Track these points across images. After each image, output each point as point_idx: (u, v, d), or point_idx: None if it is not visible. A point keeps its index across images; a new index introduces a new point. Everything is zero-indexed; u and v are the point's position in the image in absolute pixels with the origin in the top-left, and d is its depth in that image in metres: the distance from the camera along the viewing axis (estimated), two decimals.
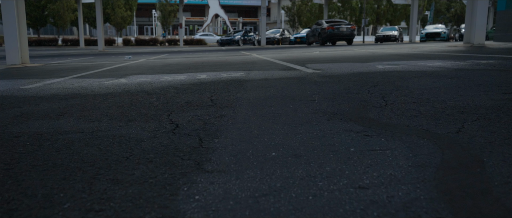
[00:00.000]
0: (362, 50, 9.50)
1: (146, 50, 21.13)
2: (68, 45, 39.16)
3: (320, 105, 2.00)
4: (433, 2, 47.98)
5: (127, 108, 2.16)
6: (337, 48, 12.24)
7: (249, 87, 2.96)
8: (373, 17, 53.69)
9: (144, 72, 4.93)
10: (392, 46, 13.45)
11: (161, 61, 7.58)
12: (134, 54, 14.53)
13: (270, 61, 6.17)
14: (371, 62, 5.04)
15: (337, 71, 3.88)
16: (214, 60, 7.43)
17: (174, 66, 6.01)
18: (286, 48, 16.64)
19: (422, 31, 28.71)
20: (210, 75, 4.11)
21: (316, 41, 22.16)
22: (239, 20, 72.77)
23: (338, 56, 6.87)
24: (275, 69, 4.52)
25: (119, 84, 3.57)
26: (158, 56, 11.21)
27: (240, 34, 29.90)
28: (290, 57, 7.43)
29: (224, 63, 6.14)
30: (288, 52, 10.68)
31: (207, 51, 15.69)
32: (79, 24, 34.03)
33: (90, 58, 11.75)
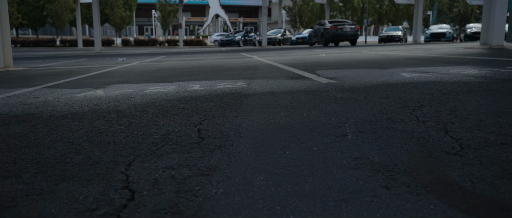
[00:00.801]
0: (371, 52, 8.83)
1: (143, 51, 20.48)
2: (66, 45, 38.58)
3: (359, 147, 1.33)
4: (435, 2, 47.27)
5: (76, 146, 1.50)
6: (343, 50, 11.56)
7: (251, 105, 2.29)
8: (375, 17, 53.02)
9: (129, 80, 4.26)
10: (400, 47, 12.77)
11: (154, 65, 6.92)
12: (130, 55, 13.87)
13: (273, 66, 5.50)
14: (390, 68, 4.37)
15: (357, 82, 3.21)
16: (211, 63, 6.77)
17: (166, 71, 5.34)
18: (288, 49, 15.96)
19: (426, 31, 28.03)
20: (204, 85, 3.44)
21: (318, 42, 21.50)
22: (240, 20, 72.10)
23: (348, 60, 6.19)
24: (281, 77, 3.85)
25: (91, 99, 2.91)
26: (154, 58, 10.54)
27: (241, 34, 29.23)
28: (295, 60, 6.77)
29: (223, 68, 5.48)
30: (292, 54, 10.01)
31: (206, 52, 15.02)
32: (77, 25, 33.39)
33: (83, 60, 11.11)
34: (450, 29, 28.66)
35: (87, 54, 17.66)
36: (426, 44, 18.24)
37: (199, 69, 5.54)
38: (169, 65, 6.71)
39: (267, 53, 11.59)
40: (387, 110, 1.98)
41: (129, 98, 2.88)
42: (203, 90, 3.08)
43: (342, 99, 2.37)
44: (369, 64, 5.14)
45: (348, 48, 13.34)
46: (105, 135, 1.68)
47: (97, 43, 22.08)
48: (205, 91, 3.02)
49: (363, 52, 9.19)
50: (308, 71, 4.33)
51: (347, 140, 1.43)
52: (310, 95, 2.60)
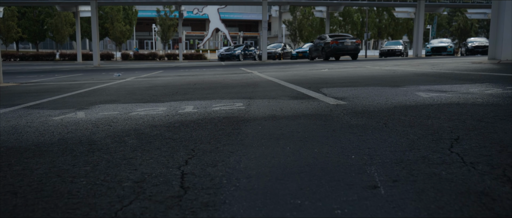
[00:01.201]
0: (375, 67, 8.50)
1: (142, 65, 20.21)
2: (65, 59, 38.46)
3: (400, 209, 0.96)
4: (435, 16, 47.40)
5: (17, 200, 1.13)
6: (346, 64, 11.26)
7: (251, 135, 1.92)
8: (374, 31, 53.18)
9: (118, 99, 3.90)
10: (404, 61, 12.48)
11: (150, 81, 6.58)
12: (127, 70, 13.57)
13: (275, 83, 5.16)
14: (403, 85, 4.01)
15: (370, 103, 2.84)
16: (209, 80, 6.43)
17: (160, 88, 4.99)
18: (289, 63, 15.69)
19: (427, 45, 27.86)
20: (198, 106, 3.08)
21: (319, 56, 21.29)
22: (240, 34, 72.38)
23: (354, 76, 5.85)
24: (284, 96, 3.49)
25: (67, 123, 2.54)
26: (151, 73, 10.23)
27: (241, 48, 29.09)
28: (297, 76, 6.43)
29: (220, 85, 5.13)
30: (293, 69, 9.70)
31: (205, 67, 14.74)
32: (77, 39, 33.34)
33: (78, 75, 10.81)
34: (451, 43, 28.54)
35: (85, 69, 17.38)
36: (428, 58, 17.98)
37: (196, 86, 5.19)
38: (165, 82, 6.37)
39: (267, 68, 11.28)
40: (417, 144, 1.61)
41: (111, 123, 2.51)
42: (196, 113, 2.71)
43: (358, 127, 2.00)
44: (377, 81, 4.79)
45: (350, 63, 13.05)
46: (62, 181, 1.31)
47: (96, 57, 21.87)
48: (198, 115, 2.66)
49: (367, 67, 8.87)
50: (313, 89, 3.98)
51: (379, 195, 1.06)
52: (319, 120, 2.23)
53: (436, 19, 48.34)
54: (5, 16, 39.19)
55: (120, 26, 40.82)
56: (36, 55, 39.70)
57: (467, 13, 42.53)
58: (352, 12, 50.79)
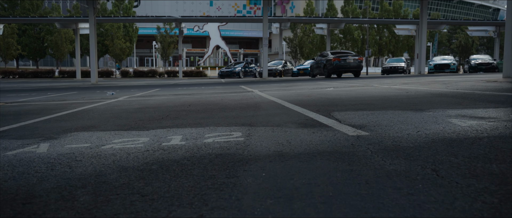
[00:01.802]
0: (384, 86, 7.99)
1: (140, 83, 19.78)
2: (65, 77, 38.15)
3: None
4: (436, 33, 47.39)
5: None
6: (350, 82, 10.77)
7: (251, 190, 1.37)
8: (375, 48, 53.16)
9: (98, 125, 3.36)
10: (411, 79, 12.00)
11: (142, 101, 6.05)
12: (124, 88, 13.09)
13: (278, 104, 4.62)
14: (426, 110, 3.47)
15: (399, 134, 2.29)
16: (206, 100, 5.90)
17: (150, 111, 4.46)
18: (290, 81, 15.22)
19: (429, 62, 27.53)
20: (188, 136, 2.54)
21: (320, 73, 20.88)
22: (240, 51, 72.49)
23: (364, 96, 5.32)
24: (290, 123, 2.95)
25: (18, 162, 1.99)
26: (147, 91, 9.72)
27: (241, 65, 28.75)
28: (302, 96, 5.91)
29: (218, 107, 4.60)
30: (295, 87, 9.20)
31: (204, 85, 14.28)
32: (76, 56, 33.09)
33: (71, 93, 10.32)
34: (454, 61, 28.23)
35: (81, 86, 16.93)
36: (433, 76, 17.52)
37: (190, 108, 4.66)
38: (158, 102, 5.84)
39: (268, 86, 10.79)
40: (505, 212, 1.06)
41: (72, 162, 1.96)
42: (183, 148, 2.17)
43: (400, 176, 1.45)
44: (393, 102, 4.25)
45: (354, 81, 12.57)
46: None
47: (93, 74, 21.45)
48: (185, 150, 2.11)
49: (374, 86, 8.36)
50: (323, 113, 3.44)
51: None
52: (341, 163, 1.68)
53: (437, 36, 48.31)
54: (5, 33, 39.15)
55: (120, 43, 40.72)
56: (35, 72, 39.42)
57: (468, 31, 42.49)
58: (352, 29, 50.87)
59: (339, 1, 58.25)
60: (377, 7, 62.09)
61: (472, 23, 42.37)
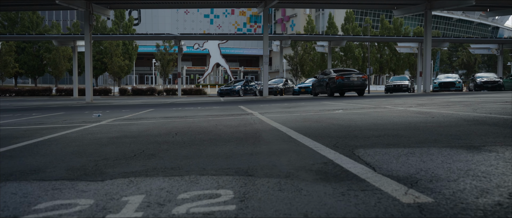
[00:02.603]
0: (398, 108, 7.19)
1: (136, 101, 19.02)
2: (62, 94, 37.47)
3: None
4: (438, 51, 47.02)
5: None
6: (358, 102, 9.97)
7: None
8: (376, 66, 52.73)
9: (44, 168, 2.54)
10: (423, 99, 11.21)
11: (122, 128, 5.24)
12: (115, 108, 12.30)
13: (283, 134, 3.81)
14: (482, 147, 2.64)
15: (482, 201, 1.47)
16: (198, 126, 5.09)
17: (124, 143, 3.64)
18: (292, 100, 14.45)
19: (434, 80, 26.88)
20: (152, 197, 1.71)
21: (323, 92, 20.14)
22: (241, 69, 72.20)
23: (385, 123, 4.51)
24: (304, 172, 2.12)
25: None
26: (137, 113, 8.93)
27: (241, 84, 28.06)
28: (309, 120, 5.11)
29: (208, 137, 3.79)
30: (299, 107, 8.40)
31: (201, 104, 13.50)
32: (74, 73, 32.50)
33: (57, 114, 9.55)
34: (459, 79, 27.61)
35: (72, 106, 16.17)
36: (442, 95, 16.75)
37: (175, 138, 3.84)
38: (141, 128, 5.03)
39: (269, 106, 10.00)
40: None
41: None
42: None
43: None
44: (426, 133, 3.43)
45: (361, 100, 11.79)
46: None
47: (88, 93, 20.71)
48: None
49: (387, 107, 7.56)
50: (343, 150, 2.62)
51: None
52: None
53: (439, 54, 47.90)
54: (3, 51, 38.74)
55: (118, 61, 40.24)
56: (32, 90, 38.78)
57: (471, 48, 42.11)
58: (353, 47, 50.57)
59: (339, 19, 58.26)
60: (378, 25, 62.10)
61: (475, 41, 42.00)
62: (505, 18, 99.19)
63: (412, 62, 52.65)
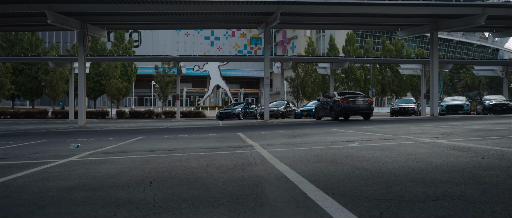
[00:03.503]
0: (424, 140, 6.16)
1: (130, 126, 17.99)
2: (58, 117, 36.50)
3: None
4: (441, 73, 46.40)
5: None
6: (370, 130, 8.96)
7: None
8: (378, 88, 52.02)
9: None
10: (439, 125, 10.20)
11: (86, 170, 4.21)
12: (104, 134, 11.27)
13: (294, 188, 2.78)
14: None
15: None
16: (183, 169, 4.06)
17: (72, 202, 2.61)
18: (295, 125, 13.44)
19: (441, 103, 25.92)
20: None
21: (326, 115, 19.19)
22: (241, 91, 71.58)
23: (426, 168, 3.48)
24: None
25: None
26: (123, 142, 7.91)
27: (241, 106, 27.14)
28: (324, 160, 4.10)
29: (191, 193, 2.77)
30: (305, 136, 7.39)
31: (198, 129, 12.48)
32: (70, 95, 31.62)
33: (35, 142, 8.55)
34: (466, 101, 26.70)
35: (63, 130, 15.18)
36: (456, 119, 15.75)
37: (146, 193, 2.82)
38: (111, 171, 4.00)
39: (271, 134, 8.99)
40: None
41: None
42: None
43: None
44: (503, 191, 2.42)
45: (371, 126, 10.78)
46: None
47: (81, 116, 19.73)
48: None
49: (409, 138, 6.54)
50: None
51: None
52: None
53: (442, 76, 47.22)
54: None
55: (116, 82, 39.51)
56: (28, 112, 37.85)
57: (474, 70, 41.47)
58: (354, 69, 50.02)
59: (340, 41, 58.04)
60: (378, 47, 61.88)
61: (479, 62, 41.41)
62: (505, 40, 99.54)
63: (414, 83, 51.95)
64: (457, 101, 26.58)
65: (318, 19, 20.31)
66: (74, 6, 15.56)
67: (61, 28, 18.36)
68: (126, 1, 15.42)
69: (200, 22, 20.96)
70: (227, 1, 15.97)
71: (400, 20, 20.86)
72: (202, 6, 16.53)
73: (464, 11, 17.59)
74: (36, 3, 14.93)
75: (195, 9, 16.61)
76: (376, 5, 17.33)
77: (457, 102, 26.46)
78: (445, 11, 17.96)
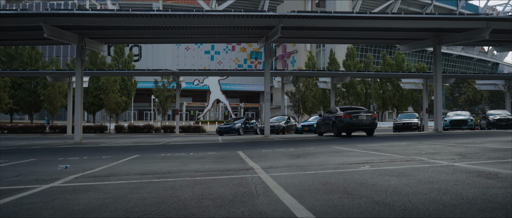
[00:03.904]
0: (440, 162, 5.68)
1: (127, 141, 17.47)
2: (56, 132, 35.93)
3: None
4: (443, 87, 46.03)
5: None
6: (378, 148, 8.47)
7: None
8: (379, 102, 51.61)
9: None
10: (449, 142, 9.71)
11: (66, 202, 3.72)
12: (96, 152, 10.75)
13: None
14: None
15: None
16: (174, 200, 3.57)
17: None
18: (298, 141, 12.95)
19: (445, 118, 25.44)
20: None
21: (328, 131, 18.72)
22: (241, 105, 71.21)
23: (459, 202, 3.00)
24: None
25: None
26: (116, 161, 7.41)
27: (241, 121, 26.65)
28: (337, 192, 3.61)
29: None
30: (311, 157, 6.90)
31: (196, 147, 11.99)
32: (68, 110, 31.17)
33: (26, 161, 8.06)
34: (470, 116, 26.23)
35: (57, 146, 14.69)
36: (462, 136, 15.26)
37: None
38: (92, 205, 3.52)
39: (273, 153, 8.50)
40: None
41: None
42: None
43: None
44: None
45: (378, 144, 10.28)
46: None
47: (77, 132, 19.23)
48: None
49: (423, 160, 6.05)
50: None
51: None
52: None
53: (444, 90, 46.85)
54: None
55: (115, 97, 39.14)
56: (25, 127, 37.32)
57: (476, 84, 41.11)
58: (355, 83, 49.70)
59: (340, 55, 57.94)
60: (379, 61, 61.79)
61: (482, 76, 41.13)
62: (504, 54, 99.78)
63: (415, 98, 51.56)
64: (460, 116, 26.11)
65: (319, 33, 20.03)
66: (71, 19, 15.26)
67: (58, 42, 18.05)
68: (125, 15, 15.14)
69: (200, 36, 20.67)
70: (228, 14, 15.68)
71: (402, 34, 20.59)
72: (202, 20, 16.24)
73: (467, 25, 17.30)
74: (32, 17, 14.64)
75: (195, 23, 16.32)
76: (379, 18, 17.05)
77: (461, 117, 25.99)
78: (448, 25, 17.68)
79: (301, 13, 15.77)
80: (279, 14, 15.68)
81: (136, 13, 14.73)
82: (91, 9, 14.31)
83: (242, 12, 15.11)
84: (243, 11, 15.26)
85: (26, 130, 36.31)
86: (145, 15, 15.33)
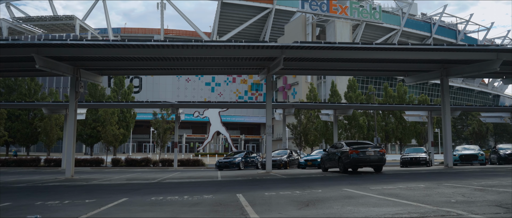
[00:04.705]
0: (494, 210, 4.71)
1: (120, 177, 16.38)
2: (51, 165, 34.68)
3: None
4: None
5: None
6: (395, 193, 7.48)
7: None
8: (382, 135, 50.61)
9: None
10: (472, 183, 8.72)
11: None
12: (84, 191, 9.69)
13: None
14: None
15: None
16: None
17: None
18: (303, 180, 11.91)
19: (454, 152, 24.34)
20: None
21: (333, 167, 17.70)
22: (241, 137, 70.11)
23: None
24: None
25: None
26: (96, 210, 6.42)
27: (241, 155, 25.63)
28: None
29: None
30: (322, 205, 5.93)
31: (191, 186, 10.96)
32: (63, 143, 30.16)
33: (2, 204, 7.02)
34: (480, 151, 25.18)
35: (46, 183, 13.67)
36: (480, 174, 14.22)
37: None
38: None
39: (277, 198, 7.51)
40: None
41: None
42: None
43: None
44: None
45: (392, 185, 9.28)
46: None
47: (69, 167, 18.16)
48: None
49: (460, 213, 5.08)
50: None
51: None
52: None
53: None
54: None
55: (113, 129, 38.26)
56: (20, 160, 36.16)
57: (481, 117, 40.30)
58: (357, 115, 48.93)
59: (342, 87, 57.62)
60: (380, 93, 61.42)
61: (487, 109, 40.36)
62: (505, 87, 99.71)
63: (418, 130, 50.60)
64: (470, 150, 25.07)
65: (322, 65, 19.47)
66: (65, 50, 14.70)
67: (51, 73, 17.44)
68: (121, 46, 14.58)
69: (201, 67, 20.12)
70: (228, 45, 15.14)
71: (407, 65, 20.03)
72: (201, 50, 15.69)
73: (476, 56, 16.73)
74: (24, 47, 14.08)
75: (194, 54, 15.75)
76: (385, 50, 16.51)
77: (471, 151, 24.95)
78: (457, 56, 17.12)
79: (304, 43, 15.24)
80: (282, 44, 15.15)
81: (132, 43, 14.18)
82: (85, 40, 13.76)
83: (243, 43, 14.57)
84: (244, 41, 14.73)
85: (21, 163, 35.16)
86: (142, 46, 14.78)
